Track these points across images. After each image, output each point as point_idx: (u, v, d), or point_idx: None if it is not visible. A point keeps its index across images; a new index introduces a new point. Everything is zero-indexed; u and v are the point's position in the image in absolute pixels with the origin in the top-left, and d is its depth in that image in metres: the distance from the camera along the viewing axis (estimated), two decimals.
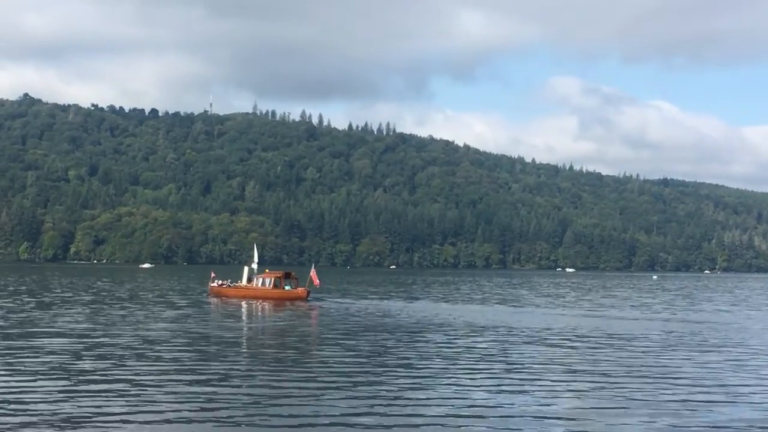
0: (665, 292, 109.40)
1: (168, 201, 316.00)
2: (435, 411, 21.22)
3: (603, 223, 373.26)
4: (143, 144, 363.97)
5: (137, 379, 25.26)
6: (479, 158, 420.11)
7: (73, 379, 24.94)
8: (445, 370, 28.46)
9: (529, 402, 22.74)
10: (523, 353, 33.44)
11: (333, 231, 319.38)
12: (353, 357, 31.39)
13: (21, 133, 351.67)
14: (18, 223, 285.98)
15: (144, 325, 42.57)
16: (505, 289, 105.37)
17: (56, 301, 62.96)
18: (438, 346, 35.37)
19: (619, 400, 23.07)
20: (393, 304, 67.57)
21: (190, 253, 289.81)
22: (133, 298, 68.75)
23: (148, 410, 20.66)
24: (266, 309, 59.54)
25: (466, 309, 62.72)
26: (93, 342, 34.72)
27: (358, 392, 23.64)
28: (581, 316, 57.14)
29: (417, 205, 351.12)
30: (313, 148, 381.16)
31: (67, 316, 48.10)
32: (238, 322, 48.31)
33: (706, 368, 29.78)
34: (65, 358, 29.63)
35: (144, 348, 32.88)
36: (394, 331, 41.85)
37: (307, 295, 68.16)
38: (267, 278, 71.73)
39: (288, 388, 24.03)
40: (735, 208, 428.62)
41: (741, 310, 68.94)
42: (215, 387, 24.06)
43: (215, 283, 75.98)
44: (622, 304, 73.54)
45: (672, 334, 43.21)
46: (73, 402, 21.54)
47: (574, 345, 36.91)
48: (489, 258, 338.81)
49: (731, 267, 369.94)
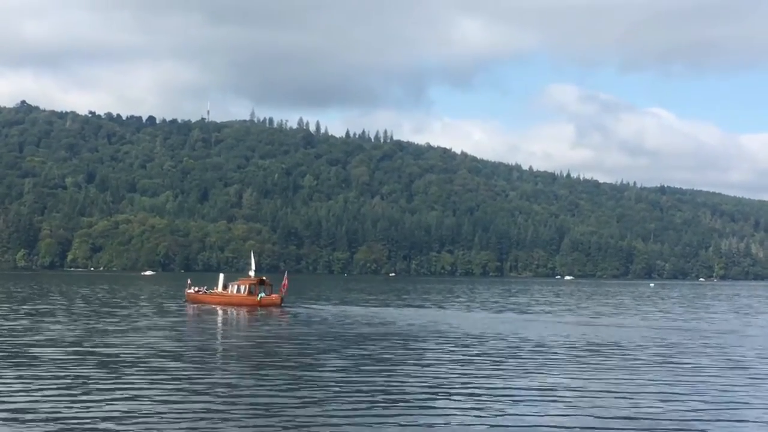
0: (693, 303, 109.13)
1: (165, 208, 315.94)
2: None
3: (600, 230, 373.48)
4: (140, 151, 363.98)
5: (101, 388, 25.12)
6: (476, 166, 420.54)
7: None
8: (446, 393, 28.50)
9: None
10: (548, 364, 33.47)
11: (330, 238, 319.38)
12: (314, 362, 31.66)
13: (18, 140, 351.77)
14: (15, 231, 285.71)
15: (119, 333, 42.77)
16: (518, 297, 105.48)
17: (35, 311, 62.20)
18: (419, 352, 35.42)
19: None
20: (361, 310, 69.79)
21: (187, 261, 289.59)
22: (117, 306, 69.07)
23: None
24: (240, 315, 61.30)
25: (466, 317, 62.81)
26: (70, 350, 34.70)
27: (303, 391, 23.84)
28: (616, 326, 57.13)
29: (414, 212, 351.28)
30: (311, 156, 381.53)
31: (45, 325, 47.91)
32: (212, 327, 49.72)
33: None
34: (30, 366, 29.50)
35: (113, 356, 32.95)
36: (353, 337, 42.73)
37: (281, 302, 69.93)
38: (242, 285, 73.39)
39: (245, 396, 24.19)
40: (732, 216, 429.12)
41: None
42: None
43: (191, 290, 77.24)
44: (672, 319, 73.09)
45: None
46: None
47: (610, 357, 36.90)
48: (486, 266, 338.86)
49: (728, 275, 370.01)
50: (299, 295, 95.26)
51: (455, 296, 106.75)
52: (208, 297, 74.77)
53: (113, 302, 75.44)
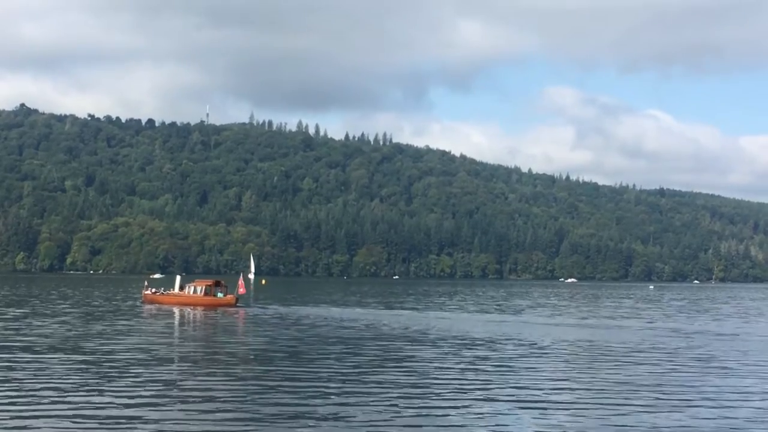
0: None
1: (164, 211, 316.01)
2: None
3: (599, 233, 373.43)
4: (140, 154, 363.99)
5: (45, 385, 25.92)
6: (476, 168, 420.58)
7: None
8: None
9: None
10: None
11: (329, 241, 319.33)
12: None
13: (18, 143, 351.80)
14: (14, 234, 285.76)
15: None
16: (539, 300, 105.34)
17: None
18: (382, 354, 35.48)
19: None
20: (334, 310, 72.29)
21: (186, 264, 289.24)
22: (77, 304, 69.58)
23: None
24: (197, 314, 63.83)
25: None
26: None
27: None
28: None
29: (413, 215, 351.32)
30: (310, 158, 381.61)
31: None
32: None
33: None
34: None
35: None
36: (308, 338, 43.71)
37: (236, 302, 73.02)
38: (198, 286, 76.36)
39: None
40: (732, 218, 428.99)
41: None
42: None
43: (149, 291, 79.62)
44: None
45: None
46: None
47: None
48: (486, 268, 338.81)
49: (728, 277, 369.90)
50: (274, 297, 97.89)
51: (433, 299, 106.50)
52: (165, 298, 77.19)
53: (73, 301, 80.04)
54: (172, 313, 64.99)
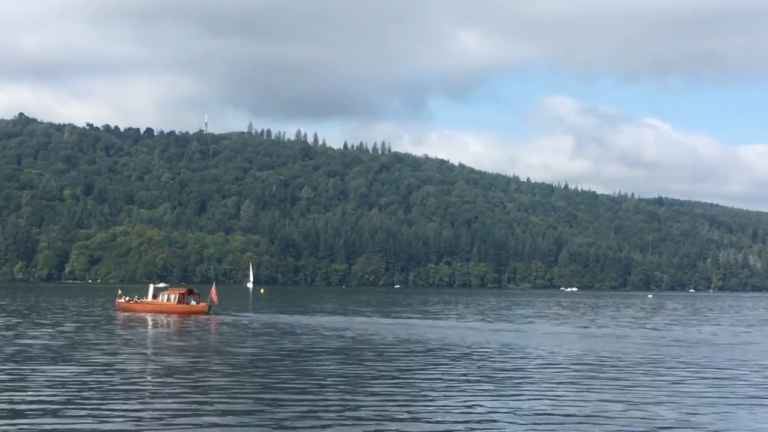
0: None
1: (163, 220, 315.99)
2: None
3: (598, 242, 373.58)
4: (138, 163, 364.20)
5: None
6: (474, 177, 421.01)
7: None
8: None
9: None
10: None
11: (328, 250, 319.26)
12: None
13: (16, 152, 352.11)
14: (13, 243, 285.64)
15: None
16: (572, 309, 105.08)
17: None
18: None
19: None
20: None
21: (185, 273, 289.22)
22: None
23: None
24: (170, 322, 63.80)
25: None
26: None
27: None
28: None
29: (412, 224, 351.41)
30: (308, 168, 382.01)
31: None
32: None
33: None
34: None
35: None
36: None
37: (209, 310, 73.47)
38: (172, 294, 77.18)
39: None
40: (730, 227, 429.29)
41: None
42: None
43: (122, 299, 79.92)
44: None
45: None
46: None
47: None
48: (484, 277, 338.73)
49: (726, 286, 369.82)
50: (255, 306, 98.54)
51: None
52: (138, 306, 77.77)
53: (53, 308, 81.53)
54: (145, 320, 64.74)
